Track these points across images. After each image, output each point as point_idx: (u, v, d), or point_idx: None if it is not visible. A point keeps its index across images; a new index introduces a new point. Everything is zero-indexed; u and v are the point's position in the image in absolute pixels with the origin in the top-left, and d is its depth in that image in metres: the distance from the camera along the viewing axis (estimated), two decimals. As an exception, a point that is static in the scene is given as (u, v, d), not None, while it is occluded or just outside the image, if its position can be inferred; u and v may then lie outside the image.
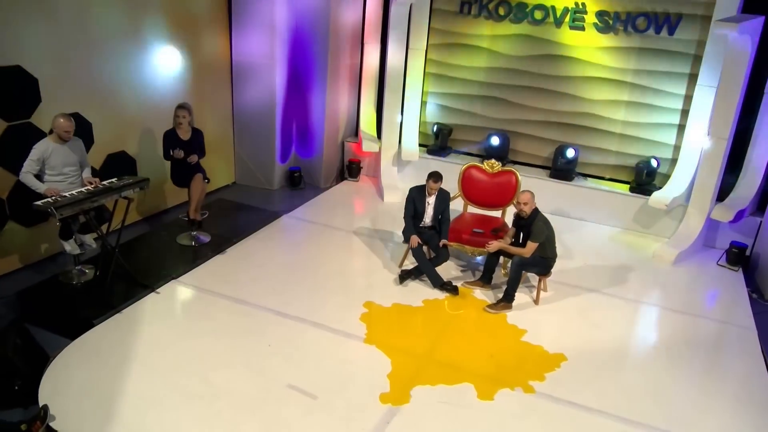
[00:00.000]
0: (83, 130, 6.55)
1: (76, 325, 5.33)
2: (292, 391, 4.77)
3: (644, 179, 8.36)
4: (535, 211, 6.11)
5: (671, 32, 7.99)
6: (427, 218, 6.68)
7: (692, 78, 7.97)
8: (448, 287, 6.43)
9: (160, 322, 5.54)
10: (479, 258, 7.17)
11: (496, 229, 6.95)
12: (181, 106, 6.65)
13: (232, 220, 7.95)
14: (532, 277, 6.70)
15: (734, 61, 7.13)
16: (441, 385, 5.00)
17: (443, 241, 6.52)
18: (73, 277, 6.03)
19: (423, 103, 9.53)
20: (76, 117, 6.46)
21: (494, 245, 6.20)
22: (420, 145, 9.49)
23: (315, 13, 8.74)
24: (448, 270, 6.76)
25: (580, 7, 8.32)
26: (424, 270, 6.51)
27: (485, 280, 6.56)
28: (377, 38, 9.46)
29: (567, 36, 8.51)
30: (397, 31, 8.78)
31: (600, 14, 8.26)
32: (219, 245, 7.03)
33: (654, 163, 8.29)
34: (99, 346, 5.15)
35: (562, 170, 8.68)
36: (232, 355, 5.15)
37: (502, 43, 8.91)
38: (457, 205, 7.30)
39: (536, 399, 4.94)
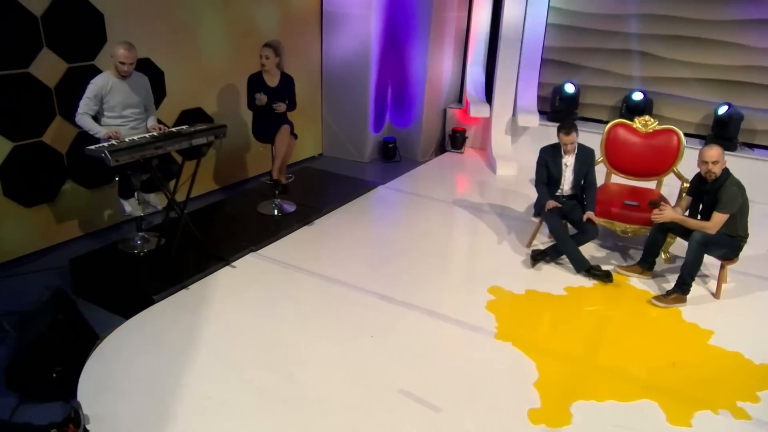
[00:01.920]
0: (154, 80, 5.53)
1: (132, 301, 4.26)
2: (406, 399, 3.48)
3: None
4: (726, 172, 4.56)
5: None
6: (566, 184, 5.23)
7: None
8: (597, 272, 4.96)
9: (234, 302, 4.40)
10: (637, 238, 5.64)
11: (655, 202, 5.40)
12: (266, 44, 5.51)
13: (321, 189, 6.78)
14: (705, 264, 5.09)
15: None
16: (611, 401, 3.57)
17: (589, 214, 5.05)
18: (135, 245, 4.99)
19: (543, 61, 8.04)
20: (146, 64, 5.47)
21: (667, 214, 4.68)
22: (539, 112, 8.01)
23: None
24: (588, 252, 5.27)
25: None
26: (564, 250, 5.07)
27: (645, 265, 5.05)
28: (489, -14, 8.07)
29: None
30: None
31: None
32: (306, 216, 5.85)
33: None
34: (158, 328, 4.04)
35: (721, 138, 6.97)
36: (324, 348, 3.91)
37: (645, -17, 7.32)
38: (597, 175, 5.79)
39: (754, 428, 3.42)
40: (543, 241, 5.65)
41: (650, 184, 5.87)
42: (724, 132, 6.92)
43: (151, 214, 5.08)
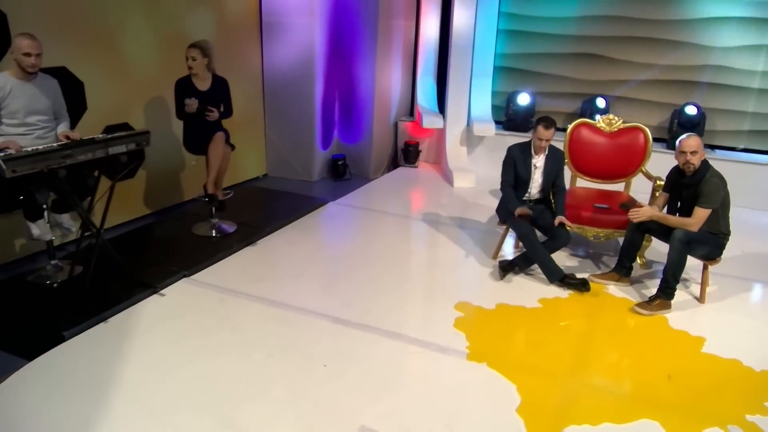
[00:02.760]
0: (73, 91, 4.91)
1: (38, 340, 3.55)
2: (369, 437, 2.90)
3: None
4: (705, 163, 4.21)
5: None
6: (534, 187, 4.81)
7: None
8: (572, 281, 4.51)
9: (161, 334, 3.74)
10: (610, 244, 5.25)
11: (626, 204, 5.03)
12: (192, 45, 4.95)
13: (264, 207, 6.19)
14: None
15: None
16: (607, 423, 3.06)
17: (560, 219, 4.62)
18: (47, 275, 4.28)
19: (495, 69, 7.73)
20: (62, 74, 4.81)
21: (645, 212, 4.29)
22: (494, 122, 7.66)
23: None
24: (558, 262, 4.81)
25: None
26: (536, 258, 4.61)
27: (623, 271, 4.63)
28: (437, -9, 7.75)
29: (684, -34, 6.69)
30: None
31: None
32: (248, 236, 5.25)
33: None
34: (68, 369, 3.35)
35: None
36: (268, 382, 3.30)
37: (597, -16, 7.12)
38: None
39: (768, 445, 2.98)
40: (510, 252, 5.19)
41: (618, 187, 5.51)
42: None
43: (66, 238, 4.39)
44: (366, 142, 7.76)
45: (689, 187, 4.21)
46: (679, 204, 4.36)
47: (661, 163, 5.23)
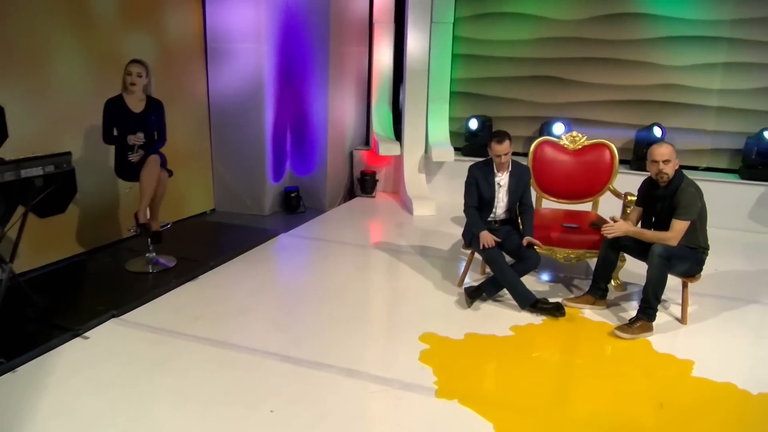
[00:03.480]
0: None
1: (-75, 397, 2.98)
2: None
3: (755, 160, 6.28)
4: (680, 173, 3.96)
5: (778, -35, 6.13)
6: (499, 207, 4.48)
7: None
8: (545, 306, 4.15)
9: (82, 383, 3.20)
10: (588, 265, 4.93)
11: (596, 223, 4.76)
12: (135, 61, 4.53)
13: (208, 241, 5.70)
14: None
15: None
16: (598, 464, 2.66)
17: (528, 239, 4.29)
18: (-52, 320, 3.70)
19: (452, 94, 7.51)
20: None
21: (619, 227, 3.99)
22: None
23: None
24: (528, 286, 4.44)
25: (651, -54, 6.49)
26: (505, 283, 4.24)
27: (598, 293, 4.30)
28: (390, 17, 7.52)
29: (636, -15, 6.64)
30: (417, 6, 6.85)
31: (678, -47, 6.41)
32: (188, 271, 4.74)
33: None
34: (-42, 432, 2.78)
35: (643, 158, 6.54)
36: (205, 433, 2.80)
37: (551, 6, 6.99)
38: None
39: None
40: (476, 278, 4.82)
41: (586, 207, 5.23)
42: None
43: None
44: (320, 173, 7.38)
45: (664, 199, 3.94)
46: (653, 219, 4.08)
47: (626, 184, 4.98)
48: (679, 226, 3.82)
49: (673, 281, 4.00)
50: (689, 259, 3.93)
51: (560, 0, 6.95)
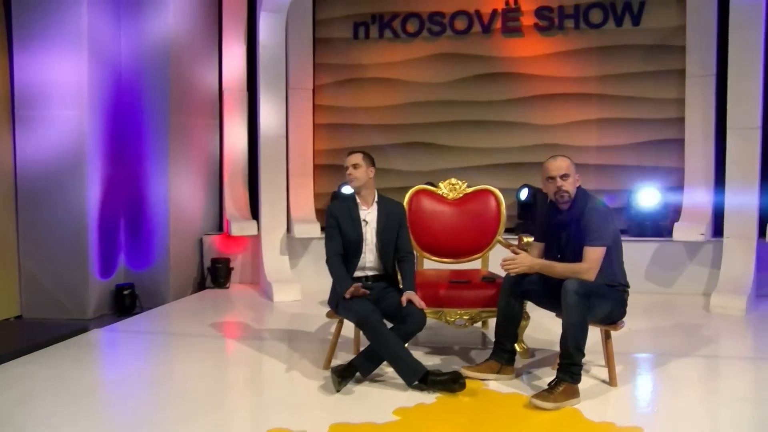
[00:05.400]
0: None
1: None
2: None
3: (639, 216, 5.88)
4: (584, 192, 3.22)
5: (636, 22, 6.09)
6: (369, 253, 3.50)
7: (678, 75, 5.95)
8: (439, 378, 3.09)
9: None
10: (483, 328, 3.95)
11: (489, 277, 3.90)
12: None
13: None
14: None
15: (743, 18, 5.14)
16: None
17: (409, 294, 3.31)
18: None
19: (316, 167, 6.69)
20: None
21: (523, 259, 3.13)
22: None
23: (150, 51, 5.90)
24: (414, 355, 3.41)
25: (513, 6, 6.29)
26: (385, 353, 3.16)
27: (503, 357, 3.32)
28: (242, 84, 6.72)
29: (502, 46, 6.36)
30: (270, 70, 6.08)
31: (540, 12, 6.25)
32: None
33: (653, 192, 5.85)
34: None
35: (529, 220, 5.95)
36: None
37: (417, 69, 6.54)
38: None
39: None
40: (346, 359, 3.69)
41: (474, 265, 4.37)
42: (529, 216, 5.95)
43: None
44: (162, 266, 6.07)
45: (569, 224, 3.16)
46: (559, 255, 3.27)
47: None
48: (593, 254, 3.02)
49: (589, 339, 3.10)
50: (609, 298, 3.11)
51: (424, 63, 6.53)
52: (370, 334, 3.16)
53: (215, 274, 6.35)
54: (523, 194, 6.05)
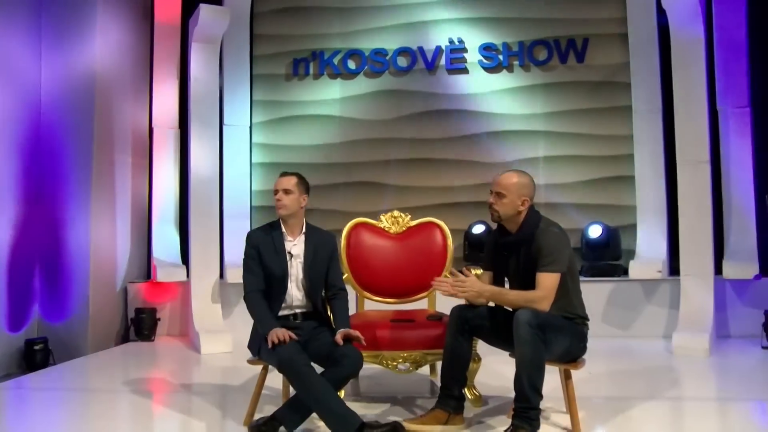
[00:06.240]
0: None
1: None
2: None
3: (592, 254, 5.63)
4: (535, 213, 2.91)
5: (580, 59, 6.00)
6: (295, 289, 3.07)
7: (624, 111, 5.85)
8: (377, 430, 2.64)
9: None
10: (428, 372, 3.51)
11: (436, 315, 3.51)
12: None
13: None
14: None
15: (685, 55, 5.08)
16: None
17: (344, 331, 2.89)
18: None
19: (253, 208, 6.27)
20: None
21: (472, 284, 2.76)
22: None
23: (74, 83, 5.51)
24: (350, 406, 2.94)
25: (457, 43, 6.15)
26: (313, 403, 2.68)
27: (451, 404, 2.89)
28: (173, 121, 6.29)
29: (447, 83, 6.18)
30: (202, 105, 5.69)
31: (484, 49, 6.12)
32: None
33: (597, 229, 5.61)
34: None
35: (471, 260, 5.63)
36: None
37: (359, 106, 6.29)
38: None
39: None
40: (268, 411, 3.19)
41: (420, 306, 3.98)
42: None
43: None
44: (80, 317, 5.47)
45: (518, 247, 2.83)
46: (508, 283, 2.92)
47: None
48: (547, 281, 2.68)
49: (547, 382, 2.71)
50: (567, 331, 2.75)
51: (366, 100, 6.28)
52: (295, 379, 2.70)
53: (139, 326, 5.75)
54: (477, 229, 5.70)
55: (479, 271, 3.24)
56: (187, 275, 5.73)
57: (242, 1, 6.07)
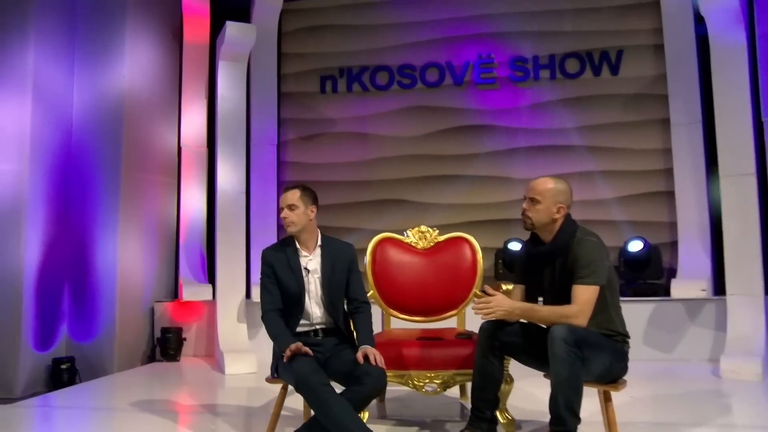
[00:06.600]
0: None
1: None
2: None
3: (631, 273, 5.38)
4: (572, 221, 2.73)
5: (615, 71, 5.83)
6: (314, 307, 2.93)
7: (660, 124, 5.64)
8: (400, 454, 2.47)
9: None
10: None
11: (466, 334, 3.34)
12: None
13: None
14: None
15: (726, 63, 4.85)
16: None
17: (365, 349, 2.73)
18: None
19: (279, 227, 6.19)
20: None
21: (500, 302, 2.58)
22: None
23: (104, 104, 5.55)
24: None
25: (485, 57, 6.03)
26: (330, 424, 2.51)
27: (482, 426, 2.71)
28: (202, 140, 6.28)
29: (477, 98, 6.08)
30: (230, 123, 5.68)
31: (514, 63, 5.99)
32: None
33: (638, 244, 5.36)
34: None
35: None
36: None
37: (388, 123, 6.21)
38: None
39: None
40: (294, 421, 3.04)
41: (449, 324, 3.80)
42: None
43: None
44: (107, 337, 5.45)
45: (552, 258, 2.65)
46: (541, 298, 2.74)
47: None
48: (584, 294, 2.49)
49: (585, 404, 2.50)
50: (606, 348, 2.54)
51: (397, 116, 6.19)
52: (311, 399, 2.55)
53: (165, 346, 5.68)
54: (514, 246, 5.49)
55: (510, 286, 3.06)
56: (213, 295, 5.66)
57: (270, 20, 6.08)
